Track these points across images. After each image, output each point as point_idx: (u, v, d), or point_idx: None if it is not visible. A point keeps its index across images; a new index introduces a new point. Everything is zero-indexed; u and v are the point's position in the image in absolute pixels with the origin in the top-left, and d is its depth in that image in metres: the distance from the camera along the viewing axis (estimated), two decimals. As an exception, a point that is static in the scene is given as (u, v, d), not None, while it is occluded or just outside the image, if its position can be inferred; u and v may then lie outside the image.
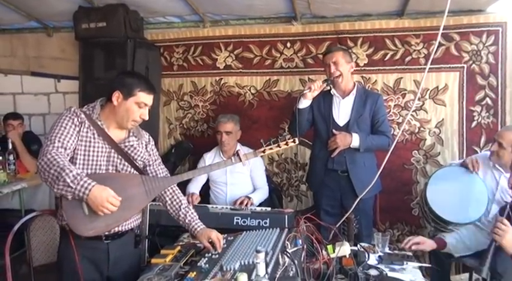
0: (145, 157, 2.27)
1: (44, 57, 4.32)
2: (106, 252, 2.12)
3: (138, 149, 2.22)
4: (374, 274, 2.04)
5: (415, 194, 3.72)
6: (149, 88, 2.14)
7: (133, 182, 2.08)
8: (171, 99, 4.19)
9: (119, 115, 2.11)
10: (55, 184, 1.86)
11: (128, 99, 2.08)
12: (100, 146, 2.09)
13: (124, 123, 2.13)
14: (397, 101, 3.69)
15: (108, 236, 2.11)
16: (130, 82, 2.10)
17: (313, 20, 3.80)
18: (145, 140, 2.31)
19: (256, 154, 2.32)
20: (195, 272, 1.79)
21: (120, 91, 2.08)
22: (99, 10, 3.74)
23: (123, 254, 2.19)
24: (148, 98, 2.13)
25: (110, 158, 2.12)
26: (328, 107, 3.18)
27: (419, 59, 3.62)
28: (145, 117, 2.15)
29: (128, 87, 2.08)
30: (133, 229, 2.25)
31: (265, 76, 3.94)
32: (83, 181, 1.87)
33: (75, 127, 2.03)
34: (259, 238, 2.14)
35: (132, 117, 2.10)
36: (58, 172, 1.85)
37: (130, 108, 2.09)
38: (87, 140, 2.06)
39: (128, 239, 2.23)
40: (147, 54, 3.86)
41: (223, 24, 4.00)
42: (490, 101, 3.55)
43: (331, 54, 3.13)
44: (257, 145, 3.83)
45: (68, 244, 2.06)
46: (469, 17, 3.49)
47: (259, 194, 3.42)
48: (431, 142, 3.67)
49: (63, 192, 1.87)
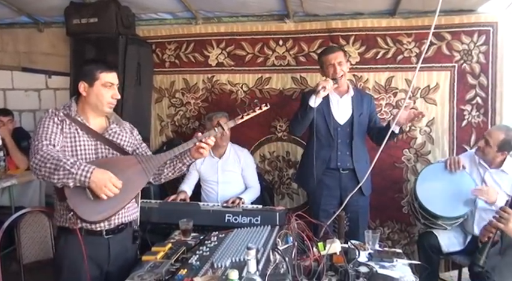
0: (131, 141, 2.31)
1: (34, 52, 4.28)
2: (107, 248, 2.15)
3: (123, 134, 2.27)
4: (364, 271, 2.05)
5: (405, 192, 3.74)
6: (108, 67, 2.19)
7: (130, 163, 2.11)
8: (163, 97, 4.18)
9: (92, 103, 2.15)
10: (54, 175, 1.87)
11: (94, 84, 2.13)
12: (86, 140, 2.12)
13: (101, 109, 2.17)
14: (388, 100, 3.71)
15: (109, 230, 2.13)
16: (89, 69, 2.15)
17: (306, 18, 3.81)
18: (128, 126, 2.36)
19: (236, 121, 2.31)
20: (186, 269, 1.79)
21: (84, 81, 2.14)
22: (90, 6, 3.72)
23: (123, 250, 2.22)
24: (111, 76, 2.17)
25: (98, 151, 2.15)
26: (326, 106, 3.18)
27: (411, 58, 3.64)
28: (117, 97, 2.19)
29: (89, 74, 2.14)
30: (131, 223, 2.27)
31: (257, 74, 3.94)
32: (83, 165, 1.90)
33: (57, 126, 2.06)
34: (250, 235, 2.14)
35: (105, 99, 2.15)
36: (55, 163, 1.88)
37: (100, 92, 2.13)
38: (71, 137, 2.09)
39: (127, 235, 2.26)
40: (139, 51, 3.84)
41: (215, 22, 4.00)
42: (481, 101, 3.58)
43: (335, 54, 3.14)
44: (249, 142, 3.90)
45: (68, 242, 2.09)
46: (461, 16, 3.52)
47: (250, 193, 3.42)
48: (422, 140, 3.70)
49: (65, 180, 1.88)
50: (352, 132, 3.17)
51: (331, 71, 3.13)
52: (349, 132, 3.18)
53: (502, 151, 2.95)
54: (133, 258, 2.30)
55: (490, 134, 2.99)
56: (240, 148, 3.57)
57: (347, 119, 3.20)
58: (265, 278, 1.63)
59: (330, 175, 3.20)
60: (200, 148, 2.21)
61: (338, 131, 3.18)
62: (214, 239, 2.18)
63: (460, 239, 3.11)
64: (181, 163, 2.28)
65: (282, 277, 1.70)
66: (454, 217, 2.94)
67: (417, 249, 3.33)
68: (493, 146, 2.94)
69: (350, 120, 3.19)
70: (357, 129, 3.18)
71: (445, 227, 3.02)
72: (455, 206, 2.97)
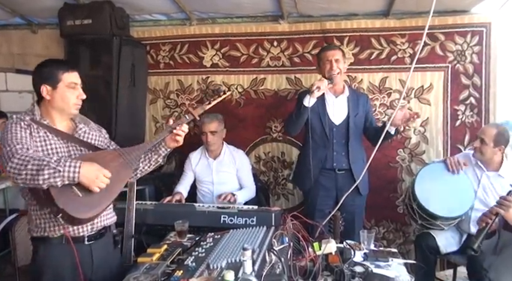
0: (101, 140, 2.24)
1: (28, 54, 4.26)
2: (89, 254, 2.09)
3: (92, 133, 2.20)
4: (360, 270, 2.06)
5: (400, 192, 3.76)
6: (70, 66, 2.09)
7: (112, 156, 2.05)
8: (158, 98, 4.17)
9: (58, 106, 2.05)
10: (39, 176, 1.76)
11: (57, 86, 2.03)
12: (57, 143, 2.03)
13: (67, 111, 2.08)
14: (382, 100, 3.72)
15: (91, 236, 2.08)
16: (49, 70, 2.04)
17: (300, 19, 3.81)
18: (95, 126, 2.28)
19: (204, 107, 2.32)
20: (181, 271, 1.78)
21: (46, 84, 2.02)
22: (84, 7, 3.70)
23: (105, 256, 2.16)
24: (74, 76, 2.08)
25: (71, 152, 2.06)
26: (322, 106, 3.19)
27: (405, 59, 3.66)
28: (83, 97, 2.10)
29: (50, 76, 2.02)
30: (110, 227, 2.22)
31: (252, 75, 3.94)
32: (69, 161, 1.83)
33: (25, 130, 1.96)
34: (246, 236, 2.14)
35: (72, 101, 2.06)
36: (37, 164, 1.78)
37: (65, 94, 2.04)
38: (41, 141, 1.99)
39: (108, 239, 2.20)
40: (133, 52, 3.83)
41: (210, 23, 4.00)
42: (474, 101, 3.61)
43: (333, 51, 3.16)
44: (244, 143, 3.90)
45: (48, 252, 2.01)
46: (454, 17, 3.54)
47: (245, 192, 3.42)
48: (416, 140, 3.72)
49: (51, 179, 1.78)
50: (348, 132, 3.18)
51: (327, 67, 3.14)
52: (345, 133, 3.19)
53: (499, 146, 2.98)
54: (118, 264, 2.27)
55: (484, 132, 3.01)
56: (235, 149, 3.57)
57: (343, 119, 3.21)
58: (261, 278, 1.64)
59: (326, 175, 3.20)
60: (176, 136, 2.19)
61: (334, 132, 3.19)
62: (210, 240, 2.17)
63: (456, 238, 3.13)
64: (156, 154, 2.23)
65: (278, 277, 1.71)
66: (453, 217, 2.96)
67: (414, 249, 3.34)
68: (489, 143, 2.97)
69: (346, 121, 3.20)
70: (353, 129, 3.19)
71: (442, 228, 3.04)
72: (454, 206, 2.99)
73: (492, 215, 2.34)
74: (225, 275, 1.55)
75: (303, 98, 3.09)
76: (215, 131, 3.41)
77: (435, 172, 3.15)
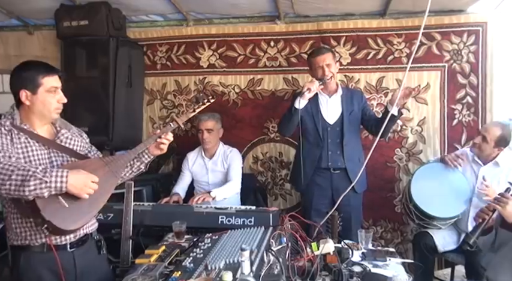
0: (83, 145, 2.18)
1: (25, 55, 4.23)
2: (72, 261, 2.02)
3: (75, 139, 2.13)
4: (358, 270, 2.06)
5: (397, 191, 3.77)
6: (50, 70, 2.00)
7: (97, 165, 2.00)
8: (155, 99, 4.16)
9: (38, 111, 1.98)
10: (24, 187, 1.70)
11: (37, 91, 1.95)
12: (38, 149, 1.96)
13: (48, 116, 2.01)
14: (379, 100, 3.73)
15: (73, 243, 2.03)
16: (29, 75, 1.95)
17: (297, 19, 3.82)
18: (76, 130, 2.22)
19: (188, 114, 2.33)
20: (179, 272, 1.78)
21: (25, 89, 1.94)
22: (81, 8, 3.69)
23: (89, 263, 2.10)
24: (54, 80, 1.99)
25: (52, 159, 2.00)
26: (315, 106, 3.20)
27: (402, 58, 3.66)
28: (63, 101, 2.03)
29: (30, 81, 1.94)
30: (92, 234, 2.17)
31: (249, 75, 3.95)
32: (55, 171, 1.78)
33: (6, 136, 1.90)
34: (244, 237, 2.14)
35: (53, 106, 1.99)
36: (21, 174, 1.71)
37: (45, 99, 1.96)
38: (23, 147, 1.92)
39: (91, 245, 2.15)
40: (130, 53, 3.83)
41: (206, 23, 3.99)
42: (471, 100, 3.61)
43: (323, 56, 3.15)
44: (242, 143, 3.91)
45: (30, 261, 1.94)
46: (450, 17, 3.55)
47: (224, 187, 3.32)
48: (414, 139, 3.72)
49: (38, 191, 1.72)
50: (342, 131, 3.18)
51: (319, 73, 3.15)
52: (340, 132, 3.19)
53: (499, 147, 2.99)
54: (104, 270, 2.22)
55: (487, 130, 3.01)
56: (230, 148, 3.57)
57: (337, 118, 3.21)
58: (259, 279, 1.64)
59: (322, 175, 3.21)
60: (160, 144, 2.17)
61: (328, 131, 3.19)
62: (207, 241, 2.17)
63: (454, 237, 3.14)
64: (139, 161, 2.21)
65: (276, 277, 1.71)
66: (449, 217, 2.96)
67: (412, 249, 3.34)
68: (490, 142, 2.98)
69: (340, 120, 3.21)
70: (348, 128, 3.19)
71: (440, 227, 3.04)
72: (450, 206, 2.99)
73: (489, 211, 2.36)
74: (223, 276, 1.55)
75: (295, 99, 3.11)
76: (211, 129, 3.41)
77: (431, 172, 3.16)
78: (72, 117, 3.57)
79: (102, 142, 3.62)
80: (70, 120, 3.51)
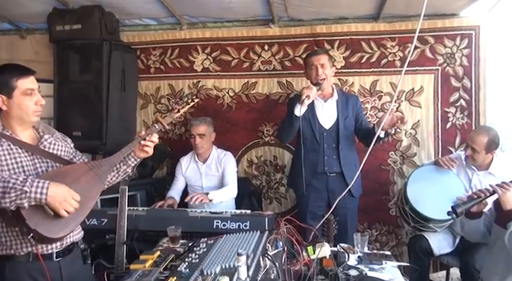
0: (67, 150, 2.13)
1: (17, 60, 4.18)
2: (58, 271, 1.98)
3: (58, 144, 2.08)
4: (354, 274, 2.07)
5: (392, 194, 3.77)
6: (25, 72, 1.94)
7: (82, 171, 1.95)
8: (148, 103, 4.15)
9: (16, 116, 1.92)
10: (5, 199, 1.68)
11: (13, 95, 1.89)
12: (22, 156, 1.91)
13: (27, 120, 1.95)
14: (373, 103, 3.74)
15: (59, 252, 1.99)
16: (2, 78, 1.89)
17: (290, 23, 3.83)
18: (59, 135, 2.17)
19: (173, 115, 2.28)
20: (175, 277, 1.76)
21: (0, 93, 1.88)
22: (74, 12, 3.67)
23: (75, 272, 2.07)
24: (30, 81, 1.93)
25: (37, 165, 1.96)
26: (311, 111, 3.19)
27: (395, 62, 3.68)
28: (41, 103, 1.97)
29: (4, 85, 1.88)
30: (78, 243, 2.13)
31: (243, 79, 3.94)
32: (36, 181, 1.74)
33: None
34: (239, 241, 2.13)
35: (31, 109, 1.93)
36: (2, 186, 1.68)
37: (22, 102, 1.90)
38: (5, 154, 1.87)
39: (76, 255, 2.10)
40: (123, 57, 3.81)
41: (200, 27, 3.99)
42: (464, 103, 3.63)
43: (318, 56, 3.15)
44: (236, 147, 3.90)
45: (15, 271, 1.90)
46: (443, 20, 3.58)
47: (223, 191, 3.33)
48: (408, 143, 3.73)
49: (18, 201, 1.69)
50: (338, 136, 3.18)
51: (313, 73, 3.15)
52: (335, 137, 3.19)
53: (491, 151, 3.01)
54: (90, 280, 2.22)
55: (474, 141, 3.02)
56: (223, 151, 3.56)
57: (332, 123, 3.21)
58: (255, 284, 1.63)
59: (318, 178, 3.21)
60: (145, 147, 2.12)
61: (324, 136, 3.19)
62: (203, 246, 2.16)
63: (449, 240, 3.14)
64: (125, 165, 2.17)
65: (273, 282, 1.70)
66: (445, 220, 2.96)
67: (408, 252, 3.34)
68: (480, 151, 3.00)
69: (336, 125, 3.21)
70: (343, 133, 3.19)
71: (435, 230, 3.05)
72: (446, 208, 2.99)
73: (487, 192, 2.37)
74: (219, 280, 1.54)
75: (292, 105, 3.10)
76: (203, 134, 3.41)
77: (426, 174, 3.16)
78: (65, 122, 3.63)
79: (96, 146, 3.61)
80: (63, 124, 3.54)
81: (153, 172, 4.05)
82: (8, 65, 2.02)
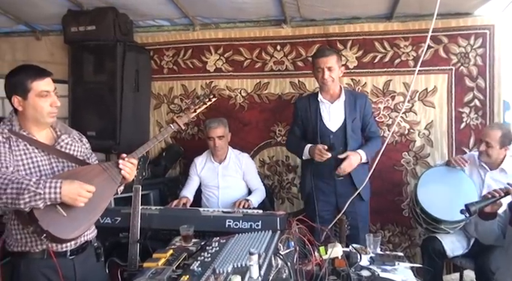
0: (82, 150, 2.15)
1: (32, 61, 4.25)
2: (72, 269, 2.01)
3: (75, 144, 2.11)
4: (366, 275, 2.06)
5: (405, 195, 3.74)
6: (40, 73, 1.96)
7: (95, 172, 1.97)
8: (162, 103, 4.18)
9: (32, 117, 1.95)
10: (19, 200, 1.70)
11: (28, 97, 1.92)
12: (38, 156, 1.95)
13: (42, 121, 1.97)
14: (386, 103, 3.72)
15: (73, 250, 2.02)
16: (17, 80, 1.93)
17: (303, 23, 3.82)
18: (77, 134, 2.19)
19: (189, 115, 2.29)
20: (188, 276, 1.78)
21: (16, 95, 1.92)
22: (88, 13, 3.72)
23: (88, 270, 2.10)
24: (45, 83, 1.95)
25: (53, 165, 1.99)
26: (315, 113, 3.17)
27: (408, 62, 3.65)
28: (57, 104, 1.98)
29: (19, 86, 1.91)
30: (92, 241, 2.16)
31: (256, 79, 3.95)
32: (48, 182, 1.76)
33: (4, 144, 1.88)
34: (251, 241, 2.14)
35: (45, 110, 1.95)
36: (16, 187, 1.70)
37: (37, 103, 1.92)
38: (22, 154, 1.91)
39: (90, 253, 2.14)
40: (137, 58, 3.85)
41: (213, 28, 4.00)
42: (479, 103, 3.59)
43: (325, 58, 3.06)
44: (248, 147, 3.91)
45: (30, 268, 1.93)
46: (457, 19, 3.54)
47: (257, 195, 3.42)
48: (421, 143, 3.70)
49: (32, 203, 1.71)
50: (345, 138, 3.12)
51: (319, 75, 3.10)
52: (343, 139, 3.12)
53: (505, 146, 2.99)
54: (102, 278, 2.23)
55: (488, 136, 3.00)
56: (241, 153, 3.58)
57: (339, 125, 3.15)
58: (267, 283, 1.63)
59: (326, 181, 3.17)
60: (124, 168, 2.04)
61: (330, 139, 3.11)
62: (215, 245, 2.17)
63: (463, 242, 3.11)
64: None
65: (284, 281, 1.71)
66: (456, 221, 2.93)
67: (421, 254, 3.32)
68: (495, 146, 2.97)
69: (343, 127, 3.14)
70: (351, 135, 3.13)
71: (448, 231, 3.01)
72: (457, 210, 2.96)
73: (502, 193, 2.33)
74: (232, 279, 1.55)
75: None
76: (222, 136, 3.42)
77: (437, 176, 3.12)
78: (79, 122, 3.67)
79: (110, 146, 3.64)
80: (77, 124, 3.57)
81: (166, 171, 4.08)
82: (24, 66, 2.05)
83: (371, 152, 3.11)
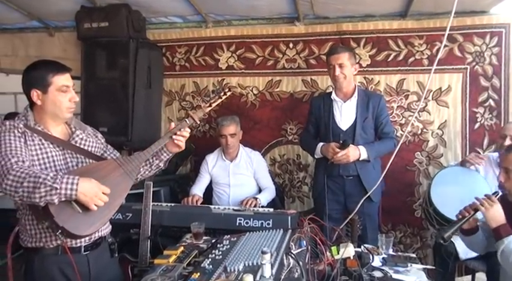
0: (99, 145, 2.16)
1: (45, 57, 4.27)
2: (87, 265, 2.01)
3: (90, 140, 2.11)
4: (378, 275, 2.04)
5: (417, 195, 3.71)
6: (61, 68, 1.97)
7: (110, 168, 1.97)
8: (173, 100, 4.18)
9: (50, 111, 1.95)
10: (35, 194, 1.69)
11: (48, 91, 1.92)
12: (53, 151, 1.95)
13: (61, 116, 1.98)
14: (400, 103, 3.68)
15: (88, 246, 2.02)
16: (38, 74, 1.93)
17: (316, 20, 3.80)
18: (91, 130, 2.19)
19: (204, 109, 2.25)
20: (198, 273, 1.77)
21: (36, 88, 1.91)
22: (101, 10, 3.74)
23: (102, 265, 2.10)
24: (65, 78, 1.96)
25: (67, 160, 1.99)
26: (328, 111, 3.15)
27: (423, 60, 3.61)
28: (75, 99, 1.99)
29: (40, 80, 1.91)
30: (106, 237, 2.15)
31: (268, 77, 3.94)
32: (65, 177, 1.74)
33: (19, 139, 1.86)
34: (262, 239, 2.13)
35: (64, 105, 1.95)
36: (33, 181, 1.69)
37: (56, 98, 1.93)
38: (37, 149, 1.90)
39: (104, 248, 2.13)
40: (149, 55, 3.85)
41: (225, 25, 3.99)
42: (493, 103, 3.54)
43: (337, 55, 3.05)
44: (259, 145, 3.89)
45: (44, 263, 1.94)
46: (473, 18, 3.49)
47: (266, 194, 3.41)
48: (434, 143, 3.66)
49: (48, 197, 1.70)
50: (355, 138, 3.09)
51: (331, 72, 3.09)
52: (352, 139, 3.09)
53: None
54: (116, 274, 2.22)
55: (510, 130, 2.97)
56: (252, 151, 3.57)
57: (350, 124, 3.13)
58: (279, 282, 1.62)
59: (334, 180, 3.15)
60: (177, 141, 2.12)
61: (340, 137, 3.09)
62: (226, 243, 2.16)
63: (476, 244, 3.07)
64: (158, 159, 2.17)
65: (296, 281, 1.69)
66: None
67: (433, 255, 3.29)
68: None
69: (353, 126, 3.11)
70: (361, 134, 3.10)
71: (461, 233, 2.98)
72: None
73: (471, 210, 2.24)
74: (243, 278, 1.54)
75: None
76: (234, 134, 3.41)
77: (452, 176, 3.09)
78: (91, 118, 3.68)
79: (121, 142, 3.66)
80: (90, 120, 3.59)
81: (177, 168, 4.09)
82: (44, 61, 2.07)
83: (374, 152, 3.07)
